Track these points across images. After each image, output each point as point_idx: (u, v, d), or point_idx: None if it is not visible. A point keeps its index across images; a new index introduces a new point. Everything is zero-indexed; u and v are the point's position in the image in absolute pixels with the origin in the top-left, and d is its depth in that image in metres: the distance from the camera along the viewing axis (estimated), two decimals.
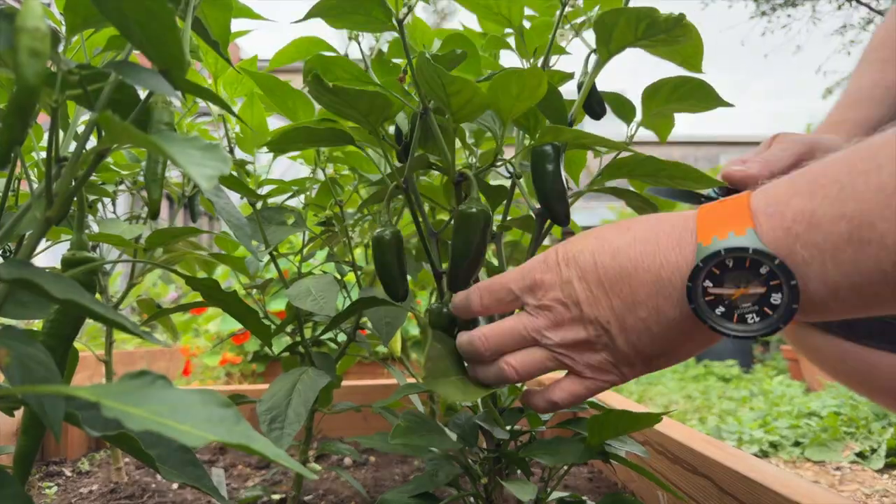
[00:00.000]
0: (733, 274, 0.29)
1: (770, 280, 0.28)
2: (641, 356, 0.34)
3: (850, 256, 0.26)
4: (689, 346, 0.33)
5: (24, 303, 0.33)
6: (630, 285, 0.32)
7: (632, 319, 0.32)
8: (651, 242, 0.32)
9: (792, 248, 0.27)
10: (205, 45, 0.54)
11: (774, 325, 0.29)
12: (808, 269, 0.27)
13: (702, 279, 0.30)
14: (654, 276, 0.32)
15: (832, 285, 0.27)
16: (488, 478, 0.48)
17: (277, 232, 0.58)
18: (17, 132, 0.23)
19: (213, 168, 0.20)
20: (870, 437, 1.13)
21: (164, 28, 0.26)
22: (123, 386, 0.18)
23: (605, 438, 0.43)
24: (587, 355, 0.35)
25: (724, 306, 0.30)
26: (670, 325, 0.32)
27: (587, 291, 0.33)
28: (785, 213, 0.28)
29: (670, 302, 0.31)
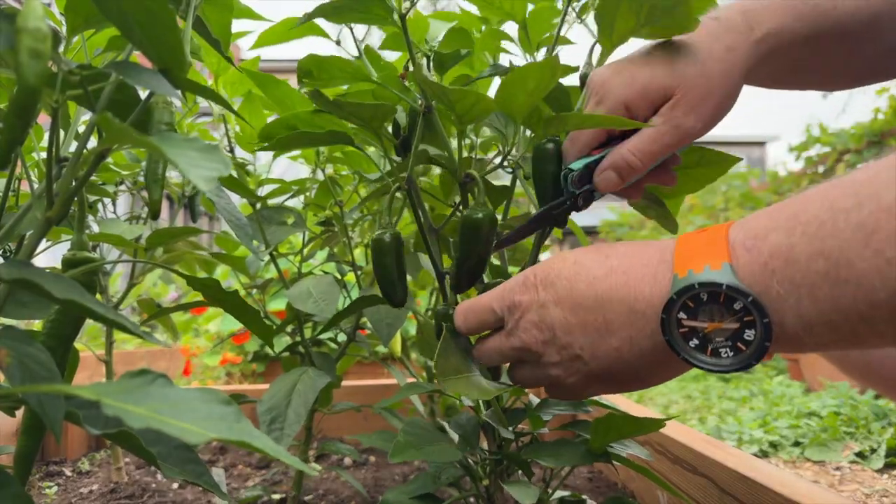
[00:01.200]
0: (707, 307, 0.29)
1: (744, 316, 0.28)
2: (616, 379, 0.34)
3: (827, 294, 0.26)
4: (664, 373, 0.34)
5: (24, 303, 0.33)
6: (604, 315, 0.33)
7: (605, 347, 0.33)
8: (627, 274, 0.33)
9: (768, 283, 0.27)
10: (206, 45, 0.54)
11: (747, 360, 0.29)
12: (783, 304, 0.27)
13: (676, 311, 0.30)
14: (628, 307, 0.32)
15: (807, 322, 0.27)
16: (490, 479, 0.48)
17: (277, 232, 0.58)
18: (17, 132, 0.24)
19: (212, 169, 0.21)
20: (869, 437, 1.13)
21: (165, 28, 0.27)
22: (124, 384, 0.18)
23: (608, 441, 0.43)
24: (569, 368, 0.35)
25: (698, 339, 0.30)
26: (643, 355, 0.32)
27: (562, 317, 0.34)
28: (762, 248, 0.28)
29: (643, 333, 0.32)
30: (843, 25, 0.42)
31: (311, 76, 0.46)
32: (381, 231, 0.45)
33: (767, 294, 0.27)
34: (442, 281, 0.47)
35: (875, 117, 3.10)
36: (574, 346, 0.34)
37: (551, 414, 0.48)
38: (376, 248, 0.45)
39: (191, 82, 0.30)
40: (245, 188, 0.58)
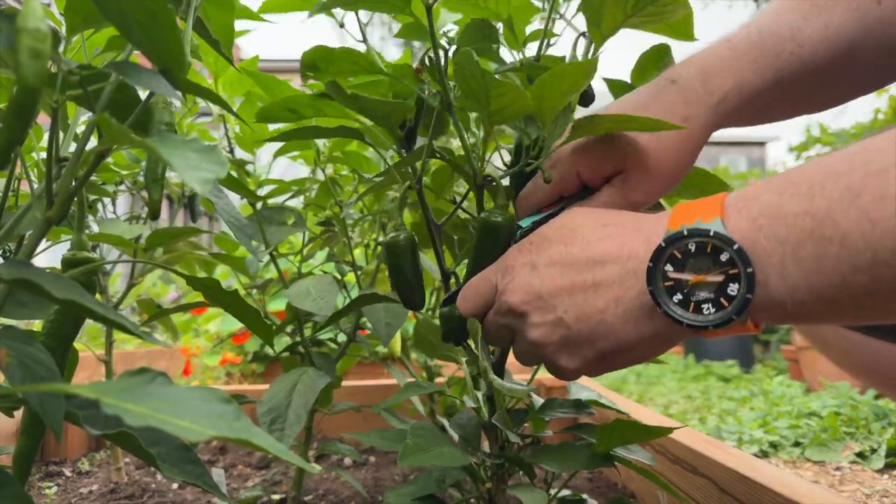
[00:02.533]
0: (695, 261, 0.29)
1: (729, 268, 0.28)
2: (595, 348, 0.33)
3: (811, 253, 0.26)
4: (645, 345, 0.33)
5: (24, 303, 0.33)
6: (594, 276, 0.33)
7: (589, 309, 0.33)
8: (622, 237, 0.33)
9: (755, 238, 0.27)
10: (205, 45, 0.54)
11: (728, 315, 0.28)
12: (768, 261, 0.27)
13: (663, 262, 0.30)
14: (620, 266, 0.32)
15: (791, 284, 0.27)
16: (492, 481, 0.48)
17: (277, 232, 0.58)
18: (17, 132, 0.24)
19: (209, 171, 0.21)
20: (870, 438, 1.13)
21: (165, 28, 0.27)
22: (124, 383, 0.18)
23: (612, 446, 0.42)
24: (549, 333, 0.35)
25: (682, 294, 0.29)
26: (627, 317, 0.32)
27: (550, 279, 0.34)
28: (753, 206, 0.28)
29: (631, 293, 0.31)
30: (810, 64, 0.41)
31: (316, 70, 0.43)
32: (394, 233, 0.43)
33: (753, 248, 0.27)
34: (447, 281, 0.46)
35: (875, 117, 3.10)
36: (558, 308, 0.33)
37: (555, 416, 0.48)
38: (391, 250, 0.43)
39: (190, 83, 0.30)
40: (245, 188, 0.58)
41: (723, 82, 0.40)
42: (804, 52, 0.41)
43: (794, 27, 0.41)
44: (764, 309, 0.28)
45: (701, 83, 0.40)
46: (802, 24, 0.41)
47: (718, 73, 0.40)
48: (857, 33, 0.41)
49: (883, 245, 0.24)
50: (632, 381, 2.20)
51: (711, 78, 0.40)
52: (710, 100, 0.40)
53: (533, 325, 0.35)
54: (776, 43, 0.41)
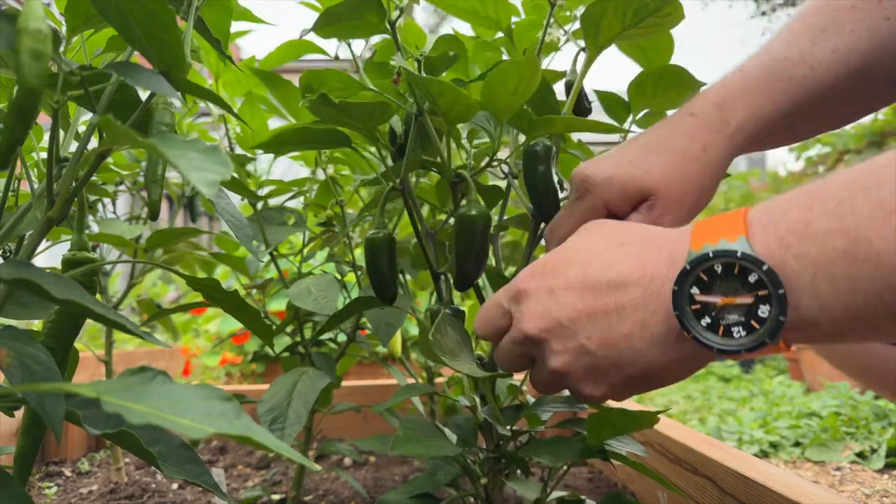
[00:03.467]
0: (722, 283, 0.28)
1: (758, 290, 0.27)
2: (623, 374, 0.33)
3: (844, 273, 0.25)
4: (674, 369, 0.32)
5: (24, 303, 0.33)
6: (616, 299, 0.32)
7: (614, 335, 0.32)
8: (642, 257, 0.32)
9: (783, 258, 0.26)
10: (206, 46, 0.54)
11: (760, 339, 0.27)
12: (799, 282, 0.26)
13: (689, 285, 0.29)
14: (643, 289, 0.31)
15: (824, 303, 0.26)
16: (488, 478, 0.48)
17: (278, 232, 0.58)
18: (18, 133, 0.24)
19: (215, 172, 0.21)
20: (870, 438, 1.13)
21: (165, 29, 0.27)
22: (124, 382, 0.18)
23: (604, 438, 0.43)
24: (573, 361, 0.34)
25: (710, 317, 0.29)
26: (654, 342, 0.31)
27: (569, 304, 0.33)
28: (779, 223, 0.27)
29: (657, 317, 0.31)
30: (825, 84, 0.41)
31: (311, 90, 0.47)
32: (374, 231, 0.46)
33: (783, 268, 0.26)
34: (437, 281, 0.48)
35: (875, 118, 3.10)
36: (580, 335, 0.32)
37: (549, 412, 0.49)
38: (369, 246, 0.45)
39: (191, 83, 0.30)
40: (246, 189, 0.58)
41: (738, 112, 0.40)
42: (817, 73, 0.41)
43: (804, 51, 0.41)
44: (796, 329, 0.27)
45: (717, 114, 0.40)
46: (812, 48, 0.41)
47: (733, 103, 0.41)
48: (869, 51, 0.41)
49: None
50: None
51: (727, 109, 0.40)
52: (727, 129, 0.40)
53: (554, 352, 0.34)
54: (788, 68, 0.41)
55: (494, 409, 0.45)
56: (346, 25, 0.45)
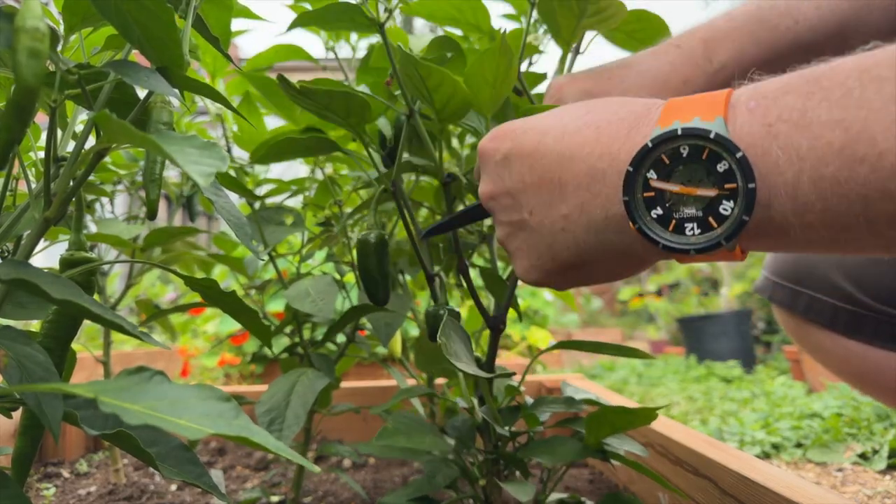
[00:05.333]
0: (686, 169, 0.24)
1: (725, 182, 0.23)
2: (556, 261, 0.29)
3: (835, 173, 0.21)
4: (611, 263, 0.28)
5: (22, 303, 0.33)
6: (560, 175, 0.28)
7: (552, 215, 0.28)
8: (599, 129, 0.27)
9: (767, 147, 0.22)
10: (203, 44, 0.54)
11: (715, 240, 0.23)
12: (778, 178, 0.22)
13: (646, 167, 0.24)
14: (588, 166, 0.27)
15: (801, 205, 0.22)
16: (486, 479, 0.48)
17: (276, 232, 0.58)
18: (15, 132, 0.23)
19: (210, 165, 0.20)
20: (872, 438, 1.13)
21: (163, 26, 0.26)
22: (121, 382, 0.18)
23: (602, 436, 0.43)
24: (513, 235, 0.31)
25: (663, 208, 0.24)
26: (590, 228, 0.27)
27: (519, 173, 0.30)
28: (770, 108, 0.23)
29: (598, 199, 0.26)
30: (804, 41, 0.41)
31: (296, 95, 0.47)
32: (366, 232, 0.46)
33: (763, 159, 0.22)
34: (432, 282, 0.48)
35: None
36: (523, 208, 0.30)
37: (547, 412, 0.48)
38: (361, 248, 0.46)
39: (189, 80, 0.30)
40: (243, 188, 0.58)
41: (723, 51, 0.40)
42: (800, 27, 0.41)
43: (790, 4, 0.42)
44: (759, 234, 0.23)
45: (702, 51, 0.41)
46: (799, 2, 0.42)
47: (719, 42, 0.41)
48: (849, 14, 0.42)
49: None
50: (633, 383, 2.20)
51: (711, 47, 0.41)
52: (710, 67, 0.40)
53: (500, 222, 0.32)
54: (774, 17, 0.41)
55: (492, 410, 0.45)
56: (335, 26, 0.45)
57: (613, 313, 5.49)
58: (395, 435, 0.41)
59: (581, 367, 2.60)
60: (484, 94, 0.39)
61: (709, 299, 3.74)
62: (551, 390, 0.95)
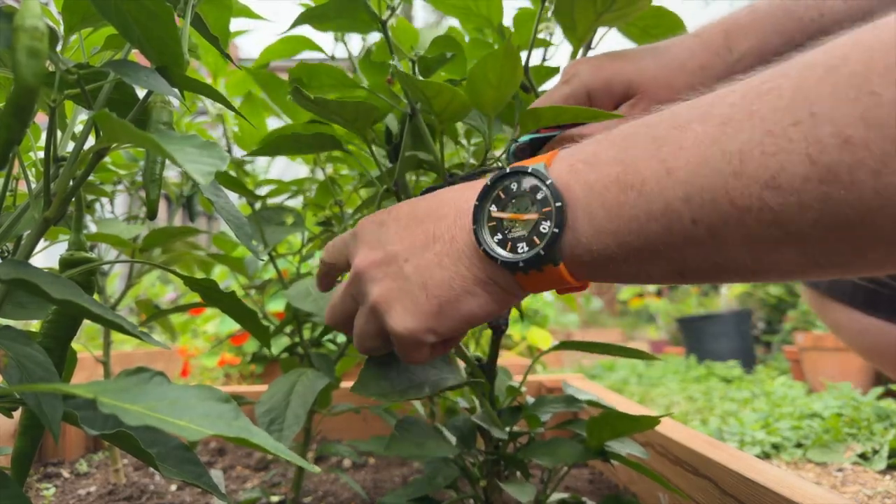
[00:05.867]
0: (516, 201, 0.30)
1: (543, 207, 0.29)
2: (432, 299, 0.32)
3: (614, 198, 0.27)
4: (480, 291, 0.31)
5: (22, 303, 0.33)
6: (435, 224, 0.33)
7: (428, 255, 0.32)
8: (464, 189, 0.34)
9: (568, 182, 0.28)
10: (204, 44, 0.54)
11: (536, 251, 0.29)
12: (577, 204, 0.28)
13: (489, 202, 0.31)
14: (456, 210, 0.33)
15: (597, 227, 0.27)
16: (487, 480, 0.48)
17: (276, 232, 0.58)
18: (15, 132, 0.23)
19: (210, 164, 0.20)
20: (872, 439, 1.13)
21: (163, 26, 0.26)
22: (121, 383, 0.18)
23: (604, 439, 0.43)
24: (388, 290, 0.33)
25: (501, 233, 0.30)
26: (460, 258, 0.31)
27: (395, 231, 0.34)
28: (576, 155, 0.29)
29: (463, 233, 0.32)
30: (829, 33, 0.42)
31: (301, 84, 0.47)
32: None
33: (567, 190, 0.28)
34: None
35: None
36: (399, 259, 0.33)
37: (548, 413, 0.48)
38: None
39: (189, 79, 0.30)
40: (243, 188, 0.58)
41: (744, 40, 0.41)
42: (825, 20, 0.41)
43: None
44: (574, 255, 0.28)
45: (723, 40, 0.41)
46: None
47: (740, 32, 0.41)
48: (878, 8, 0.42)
49: (674, 193, 0.25)
50: (633, 383, 2.20)
51: (733, 37, 0.41)
52: (730, 57, 0.41)
53: (375, 280, 0.33)
54: (799, 9, 0.41)
55: (490, 413, 0.45)
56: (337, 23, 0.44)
57: (613, 313, 5.49)
58: (404, 443, 0.41)
59: (581, 368, 2.60)
60: (487, 95, 0.39)
61: (709, 299, 3.74)
62: (551, 390, 0.95)
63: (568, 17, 0.41)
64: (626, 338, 4.13)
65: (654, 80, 0.40)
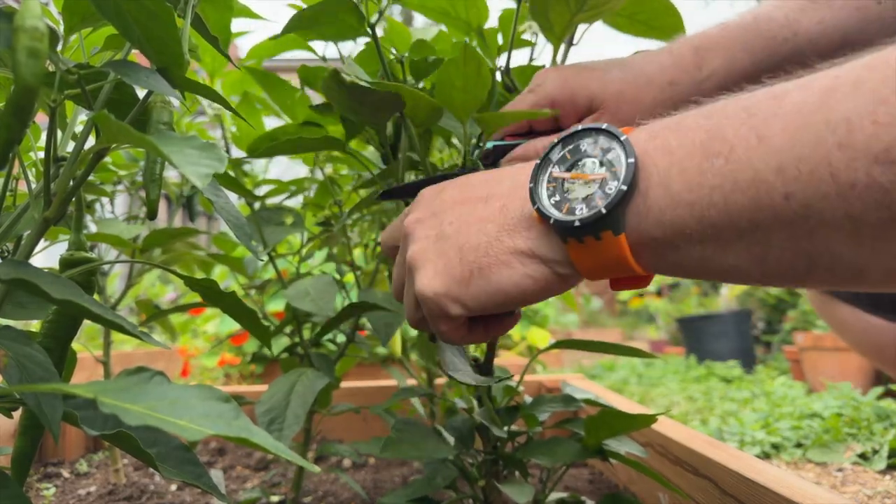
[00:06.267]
0: (583, 163, 0.28)
1: (613, 165, 0.26)
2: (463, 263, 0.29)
3: (697, 165, 0.24)
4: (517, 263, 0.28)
5: (22, 303, 0.33)
6: (489, 189, 0.31)
7: (473, 217, 0.30)
8: (525, 164, 0.31)
9: (647, 147, 0.26)
10: (203, 44, 0.54)
11: (597, 211, 0.25)
12: (653, 168, 0.25)
13: (552, 162, 0.28)
14: (513, 180, 0.30)
15: (672, 196, 0.25)
16: (486, 480, 0.48)
17: (276, 232, 0.58)
18: (15, 132, 0.23)
19: (208, 166, 0.20)
20: (872, 439, 1.13)
21: (163, 26, 0.26)
22: (121, 382, 0.18)
23: (602, 438, 0.43)
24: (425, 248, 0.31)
25: (560, 195, 0.27)
26: (505, 224, 0.29)
27: (450, 196, 0.32)
28: (656, 124, 0.27)
29: (517, 202, 0.29)
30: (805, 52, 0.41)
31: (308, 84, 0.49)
32: None
33: (645, 153, 0.26)
34: None
35: None
36: (444, 220, 0.31)
37: (547, 413, 0.48)
38: None
39: (189, 81, 0.30)
40: (243, 188, 0.58)
41: (713, 58, 0.40)
42: (799, 40, 0.41)
43: (790, 17, 0.41)
44: (641, 228, 0.25)
45: (692, 57, 0.40)
46: (800, 15, 0.41)
47: (710, 50, 0.41)
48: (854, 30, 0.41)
49: (765, 162, 0.22)
50: (633, 383, 2.20)
51: (702, 55, 0.40)
52: (699, 74, 0.40)
53: (416, 240, 0.31)
54: (772, 28, 0.41)
55: (489, 411, 0.45)
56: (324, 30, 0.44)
57: (613, 313, 5.49)
58: (402, 444, 0.41)
59: (581, 367, 2.60)
60: (456, 98, 0.39)
61: (709, 299, 3.74)
62: (551, 390, 0.95)
63: (544, 17, 0.41)
64: (626, 338, 4.13)
65: (618, 94, 0.39)
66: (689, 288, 4.12)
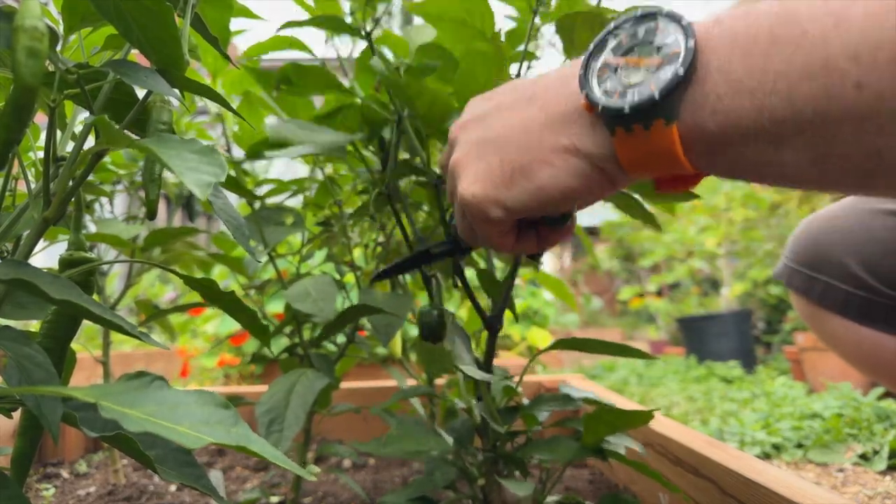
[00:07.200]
0: (641, 48, 0.25)
1: (671, 49, 0.24)
2: (505, 163, 0.28)
3: (763, 49, 0.22)
4: (559, 160, 0.27)
5: (22, 304, 0.33)
6: (534, 90, 0.29)
7: (514, 120, 0.28)
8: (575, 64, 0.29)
9: (710, 31, 0.24)
10: (204, 44, 0.54)
11: (650, 96, 0.23)
12: (714, 53, 0.23)
13: (607, 47, 0.26)
14: (560, 77, 0.28)
15: (732, 83, 0.22)
16: (485, 479, 0.48)
17: (276, 232, 0.58)
18: (14, 132, 0.23)
19: (210, 174, 0.20)
20: (872, 439, 1.13)
21: (163, 26, 0.26)
22: (121, 386, 0.18)
23: (600, 436, 0.43)
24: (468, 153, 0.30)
25: (612, 80, 0.25)
26: (548, 121, 0.27)
27: (498, 100, 0.30)
28: (722, 13, 0.24)
29: (560, 97, 0.27)
30: None
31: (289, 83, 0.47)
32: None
33: (707, 37, 0.23)
34: (428, 284, 0.48)
35: None
36: (489, 125, 0.29)
37: (546, 412, 0.48)
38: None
39: (189, 81, 0.30)
40: (243, 188, 0.58)
41: None
42: None
43: None
44: (696, 118, 0.23)
45: None
46: None
47: None
48: None
49: (840, 48, 0.20)
50: (633, 383, 2.20)
51: None
52: None
53: (460, 143, 0.30)
54: None
55: (489, 407, 0.45)
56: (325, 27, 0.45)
57: (613, 313, 5.49)
58: (402, 440, 0.42)
59: (581, 368, 2.60)
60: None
61: (709, 299, 3.74)
62: (551, 390, 0.94)
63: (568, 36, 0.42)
64: (627, 338, 4.13)
65: None
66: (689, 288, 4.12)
